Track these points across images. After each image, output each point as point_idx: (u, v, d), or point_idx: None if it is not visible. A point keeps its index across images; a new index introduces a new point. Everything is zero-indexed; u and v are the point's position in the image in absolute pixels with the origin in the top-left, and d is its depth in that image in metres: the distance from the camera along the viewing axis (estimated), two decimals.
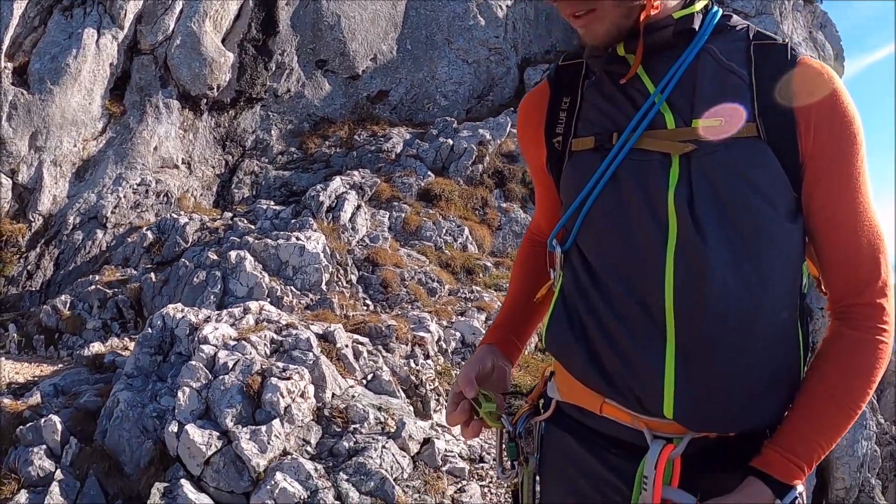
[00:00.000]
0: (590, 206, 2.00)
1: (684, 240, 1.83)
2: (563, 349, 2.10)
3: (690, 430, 1.90)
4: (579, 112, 2.12)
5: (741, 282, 1.81)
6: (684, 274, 1.83)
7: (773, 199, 1.84)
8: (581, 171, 2.04)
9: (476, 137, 16.17)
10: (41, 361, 11.07)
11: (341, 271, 11.39)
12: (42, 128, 14.50)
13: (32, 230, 14.38)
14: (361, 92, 19.09)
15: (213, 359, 7.25)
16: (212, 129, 16.82)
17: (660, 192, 1.88)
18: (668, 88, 1.95)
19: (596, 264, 2.00)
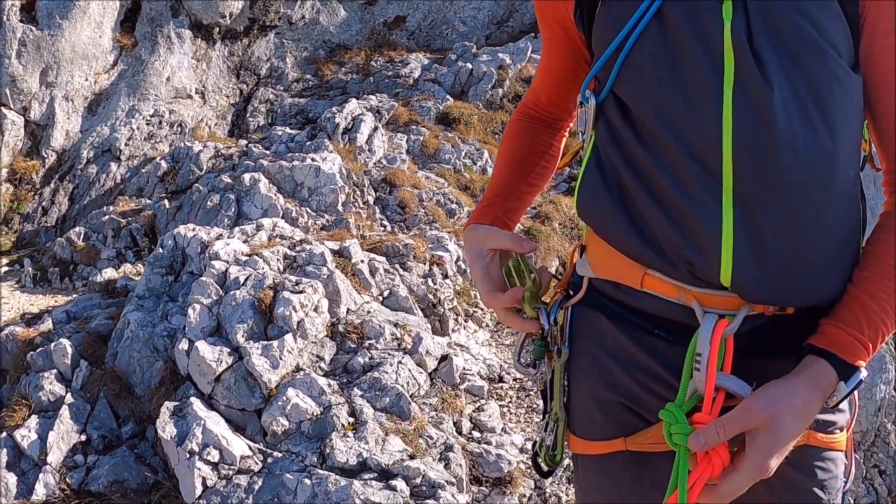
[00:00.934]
0: (629, 49, 1.72)
1: (744, 76, 1.58)
2: (599, 214, 1.82)
3: (749, 300, 1.65)
4: None
5: (809, 128, 1.57)
6: (743, 114, 1.58)
7: (838, 45, 1.60)
8: (619, 11, 1.76)
9: (496, 62, 15.87)
10: (56, 293, 11.06)
11: (358, 192, 11.18)
12: (52, 63, 14.37)
13: (46, 166, 14.34)
14: (378, 18, 18.72)
15: (224, 274, 7.05)
16: (225, 59, 16.59)
17: (713, 26, 1.62)
18: None
19: (638, 112, 1.72)
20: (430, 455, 5.90)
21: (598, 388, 1.92)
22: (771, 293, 1.63)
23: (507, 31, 19.97)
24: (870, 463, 16.84)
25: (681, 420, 1.61)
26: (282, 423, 5.96)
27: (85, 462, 6.28)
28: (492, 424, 6.64)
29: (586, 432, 1.98)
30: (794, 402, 1.56)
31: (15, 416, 6.72)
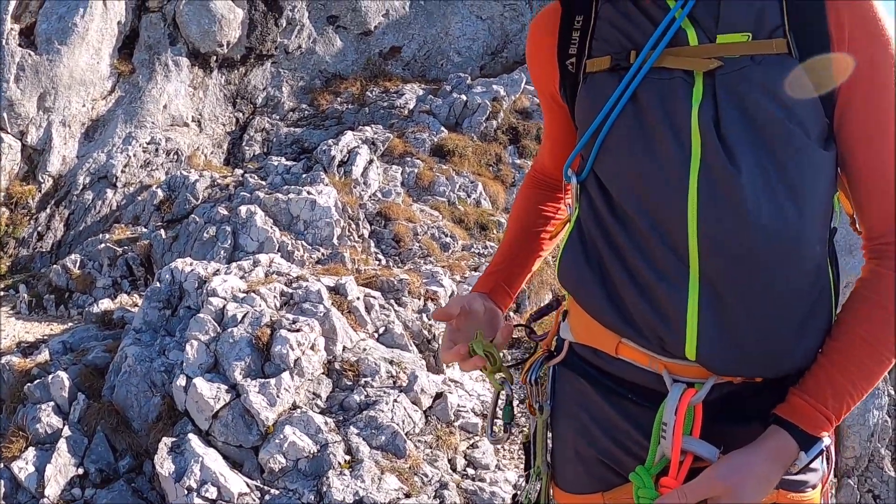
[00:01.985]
0: (607, 131, 1.84)
1: (710, 162, 1.67)
2: (577, 284, 1.93)
3: (714, 373, 1.73)
4: (593, 31, 1.95)
5: (775, 208, 1.65)
6: (709, 198, 1.66)
7: (807, 123, 1.68)
8: (597, 93, 1.88)
9: (490, 93, 15.99)
10: (51, 321, 11.06)
11: (353, 226, 11.27)
12: (50, 88, 14.43)
13: (42, 191, 14.36)
14: (374, 48, 18.85)
15: (221, 311, 7.14)
16: (222, 87, 16.69)
17: (682, 111, 1.72)
18: (689, 2, 1.77)
19: (614, 192, 1.83)
20: (425, 493, 5.99)
21: (579, 444, 2.02)
22: (736, 366, 1.71)
23: (502, 62, 20.12)
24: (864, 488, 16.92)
25: (647, 484, 1.73)
26: (279, 461, 6.04)
27: (83, 496, 6.35)
28: (486, 461, 6.71)
29: (568, 485, 2.09)
30: (755, 472, 1.65)
31: (12, 447, 6.77)
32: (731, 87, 1.69)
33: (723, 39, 1.73)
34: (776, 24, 1.72)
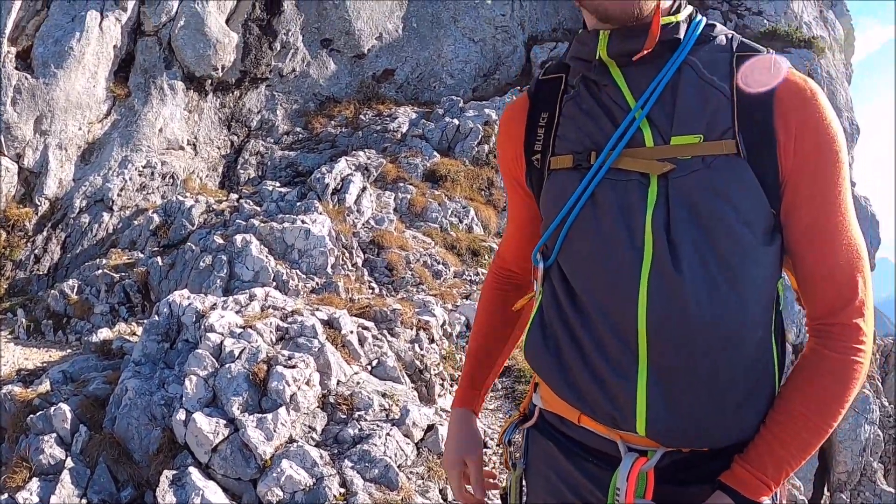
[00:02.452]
0: (569, 227, 2.01)
1: (659, 265, 1.84)
2: (539, 366, 2.14)
3: (663, 445, 1.93)
4: (557, 129, 2.12)
5: (718, 303, 1.82)
6: (657, 299, 1.85)
7: (752, 220, 1.84)
8: (560, 190, 2.05)
9: (482, 117, 16.16)
10: (50, 346, 11.17)
11: (347, 254, 11.42)
12: (47, 112, 14.55)
13: (39, 214, 14.47)
14: (367, 71, 19.07)
15: (219, 347, 7.29)
16: (217, 110, 16.84)
17: (638, 215, 1.89)
18: (648, 103, 1.94)
19: (574, 284, 2.02)
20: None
21: (548, 498, 2.25)
22: (684, 440, 1.91)
23: (494, 84, 20.34)
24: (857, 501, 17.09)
25: None
26: (276, 494, 6.19)
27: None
28: None
29: None
30: None
31: (16, 477, 6.89)
32: (682, 190, 1.85)
33: (676, 141, 1.88)
34: (726, 126, 1.86)
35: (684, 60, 1.97)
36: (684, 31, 1.99)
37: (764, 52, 1.96)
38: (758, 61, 1.94)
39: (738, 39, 2.01)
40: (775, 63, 1.93)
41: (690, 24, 2.02)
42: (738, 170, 1.84)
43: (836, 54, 27.32)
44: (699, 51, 1.99)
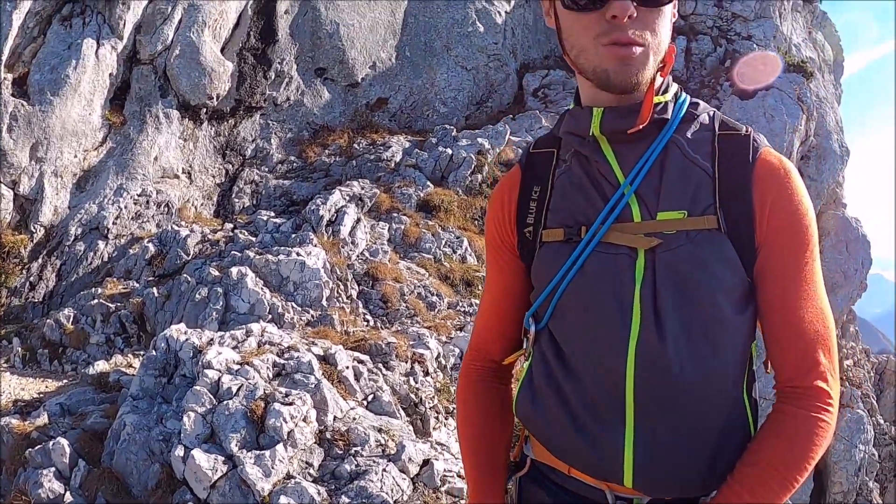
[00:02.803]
0: (560, 295, 2.11)
1: (646, 334, 1.95)
2: (530, 423, 2.25)
3: (648, 494, 2.05)
4: (549, 203, 2.21)
5: (698, 371, 1.94)
6: (643, 365, 1.96)
7: (731, 291, 1.96)
8: (551, 261, 2.14)
9: (475, 146, 16.27)
10: (46, 376, 11.18)
11: (341, 287, 11.51)
12: (43, 139, 14.59)
13: (34, 241, 14.48)
14: (361, 100, 19.24)
15: (217, 383, 7.38)
16: (212, 139, 16.92)
17: (626, 288, 1.99)
18: (636, 180, 2.05)
19: (566, 349, 2.12)
20: None
21: None
22: (667, 490, 2.04)
23: (486, 112, 20.48)
24: None
25: None
26: None
27: None
28: None
29: None
30: None
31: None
32: (668, 265, 1.97)
33: (662, 216, 2.00)
34: (708, 203, 1.98)
35: (670, 139, 2.08)
36: (671, 110, 2.11)
37: (743, 130, 2.09)
38: (738, 139, 2.07)
39: (720, 118, 2.14)
40: (753, 142, 2.07)
41: (676, 103, 2.14)
42: (719, 244, 1.96)
43: (825, 75, 27.58)
44: (684, 129, 2.11)
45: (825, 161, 22.81)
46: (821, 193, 22.98)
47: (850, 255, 23.38)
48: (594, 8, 1.96)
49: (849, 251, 23.41)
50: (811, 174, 22.43)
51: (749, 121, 19.72)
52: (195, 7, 16.50)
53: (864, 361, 26.78)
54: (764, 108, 20.31)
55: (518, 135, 17.79)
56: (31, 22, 15.25)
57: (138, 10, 16.14)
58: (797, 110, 20.73)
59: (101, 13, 15.83)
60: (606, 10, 1.92)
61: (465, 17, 21.17)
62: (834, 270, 22.86)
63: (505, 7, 22.03)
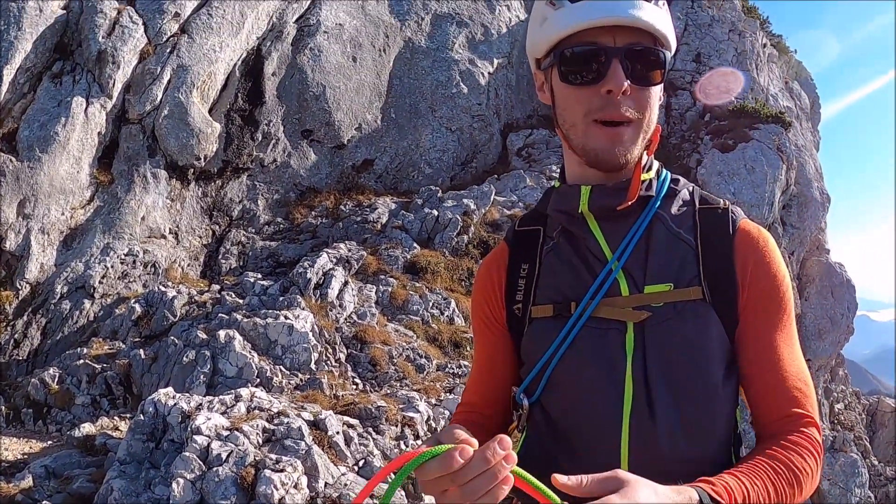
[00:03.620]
0: (551, 371, 2.16)
1: (638, 408, 2.02)
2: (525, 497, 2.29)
3: None
4: (538, 279, 2.27)
5: (691, 446, 2.00)
6: (636, 439, 2.02)
7: (718, 359, 2.04)
8: (542, 337, 2.19)
9: (460, 207, 16.39)
10: (30, 436, 11.10)
11: (330, 350, 11.52)
12: (30, 195, 14.57)
13: (20, 298, 14.40)
14: (347, 161, 19.36)
15: (206, 449, 7.36)
16: (199, 199, 16.96)
17: (618, 361, 2.06)
18: (624, 256, 2.13)
19: (559, 423, 2.17)
20: None
21: None
22: None
23: (472, 172, 20.66)
24: None
25: None
26: None
27: None
28: None
29: None
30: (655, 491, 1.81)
31: None
32: (657, 338, 2.04)
33: (650, 290, 2.08)
34: (693, 275, 2.08)
35: (655, 214, 2.18)
36: (655, 187, 2.21)
37: (721, 204, 2.21)
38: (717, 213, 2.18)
39: (699, 193, 2.26)
40: (731, 214, 2.18)
41: (659, 180, 2.25)
42: (704, 314, 2.05)
43: (803, 123, 28.03)
44: (667, 205, 2.21)
45: (807, 209, 23.09)
46: (804, 241, 23.27)
47: (836, 301, 23.54)
48: (591, 82, 2.06)
49: (834, 296, 23.58)
50: (793, 222, 22.69)
51: (730, 173, 20.07)
52: (184, 68, 16.62)
53: (856, 404, 26.91)
54: (745, 160, 20.58)
55: (503, 194, 17.92)
56: (21, 78, 15.33)
57: (128, 70, 16.24)
58: (777, 160, 21.01)
59: (91, 72, 15.93)
60: (602, 85, 2.03)
61: (449, 79, 21.43)
62: (820, 316, 23.03)
63: (488, 68, 22.30)
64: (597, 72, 2.05)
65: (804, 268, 23.86)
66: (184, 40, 16.93)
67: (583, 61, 2.08)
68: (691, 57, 24.96)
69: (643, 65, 2.09)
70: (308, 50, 19.10)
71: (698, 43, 25.26)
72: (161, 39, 16.76)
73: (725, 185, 19.60)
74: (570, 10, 2.07)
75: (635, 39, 2.08)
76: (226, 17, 17.66)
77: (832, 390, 24.76)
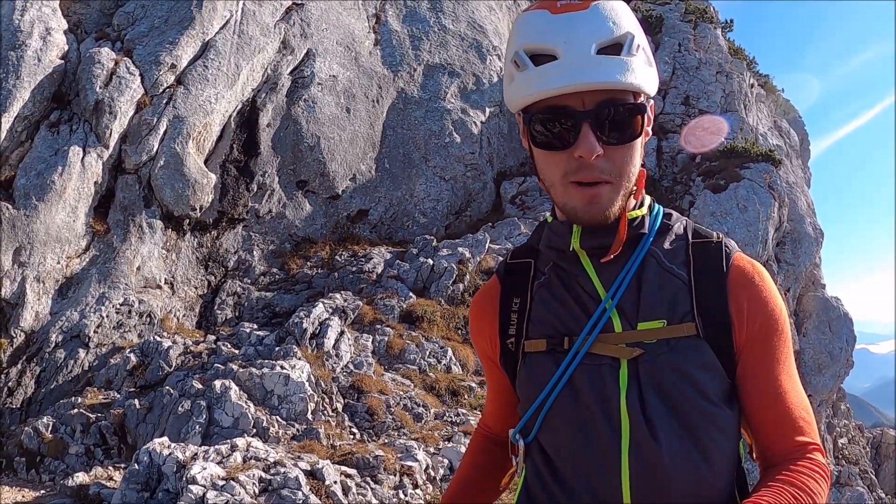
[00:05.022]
0: (548, 408, 2.17)
1: (638, 441, 2.02)
2: None
3: None
4: (530, 313, 2.29)
5: (692, 472, 2.00)
6: (638, 472, 2.02)
7: (714, 393, 2.06)
8: (537, 373, 2.20)
9: (455, 256, 16.46)
10: (23, 485, 11.03)
11: (327, 400, 11.50)
12: (26, 243, 14.55)
13: (14, 346, 14.34)
14: (341, 211, 19.44)
15: (201, 499, 7.34)
16: (194, 250, 16.98)
17: (613, 397, 2.06)
18: (617, 294, 2.14)
19: (557, 461, 2.18)
20: None
21: None
22: None
23: (466, 221, 20.75)
24: None
25: None
26: None
27: None
28: None
29: None
30: None
31: None
32: (651, 374, 2.05)
33: (643, 326, 2.09)
34: (686, 310, 2.08)
35: (647, 251, 2.19)
36: (647, 224, 2.21)
37: (714, 237, 2.22)
38: (710, 247, 2.19)
39: (692, 227, 2.27)
40: (725, 248, 2.19)
41: (651, 215, 2.25)
42: (698, 350, 2.06)
43: (793, 160, 28.24)
44: (659, 240, 2.22)
45: (800, 245, 23.23)
46: (799, 277, 23.33)
47: (834, 335, 23.53)
48: (562, 148, 2.04)
49: (832, 330, 23.57)
50: (787, 259, 22.78)
51: (723, 212, 20.19)
52: (180, 119, 16.72)
53: (859, 437, 26.83)
54: (737, 200, 20.73)
55: (498, 242, 18.00)
56: (19, 126, 15.39)
57: (125, 121, 16.32)
58: (769, 198, 21.17)
59: (88, 121, 16.01)
60: (574, 150, 2.01)
61: (441, 129, 21.58)
62: (819, 351, 22.99)
63: (480, 117, 22.49)
64: (567, 137, 2.03)
65: (800, 303, 23.90)
66: (180, 91, 17.04)
67: (552, 126, 2.05)
68: (680, 100, 25.19)
69: (616, 123, 2.04)
70: (302, 101, 19.25)
71: (686, 86, 25.51)
72: (157, 90, 16.87)
73: (719, 224, 19.67)
74: (533, 73, 2.05)
75: (607, 97, 2.02)
76: (221, 69, 17.81)
77: (835, 425, 24.71)
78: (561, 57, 2.00)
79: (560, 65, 1.99)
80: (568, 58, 1.99)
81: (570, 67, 1.98)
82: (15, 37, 15.69)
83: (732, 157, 22.27)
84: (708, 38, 27.26)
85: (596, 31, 2.02)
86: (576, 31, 2.01)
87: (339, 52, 20.61)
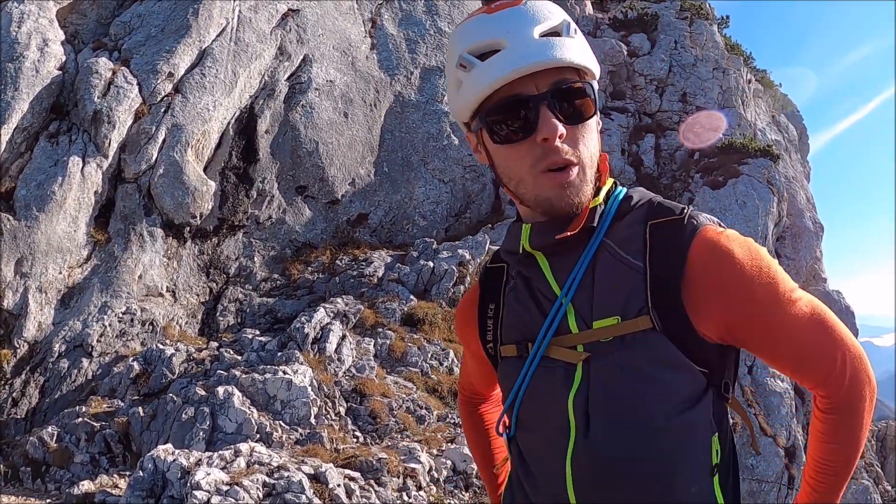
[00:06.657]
0: (517, 411, 2.26)
1: (580, 445, 2.07)
2: None
3: None
4: (502, 319, 2.35)
5: (644, 471, 2.02)
6: (581, 473, 2.07)
7: (671, 389, 2.03)
8: (510, 375, 2.29)
9: (456, 258, 16.50)
10: (28, 495, 11.06)
11: (329, 404, 11.54)
12: (28, 254, 14.58)
13: (17, 357, 14.36)
14: (341, 216, 19.47)
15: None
16: (195, 257, 17.01)
17: (563, 400, 2.11)
18: (571, 291, 2.14)
19: (528, 460, 2.26)
20: None
21: None
22: None
23: (465, 223, 20.76)
24: None
25: None
26: None
27: None
28: None
29: None
30: None
31: None
32: (600, 373, 2.06)
33: (598, 325, 2.07)
34: (640, 305, 2.03)
35: (600, 244, 2.16)
36: (599, 214, 2.18)
37: (677, 211, 2.14)
38: (671, 225, 2.11)
39: (655, 205, 2.19)
40: (691, 221, 2.10)
41: (608, 202, 2.23)
42: (653, 344, 2.03)
43: (792, 155, 28.22)
44: (615, 228, 2.18)
45: (801, 239, 23.25)
46: (800, 272, 23.30)
47: None
48: (524, 137, 2.06)
49: None
50: (788, 254, 22.82)
51: (722, 209, 20.22)
52: (178, 127, 16.76)
53: None
54: (736, 195, 20.74)
55: (497, 243, 17.91)
56: (18, 137, 15.43)
57: (123, 130, 16.35)
58: (768, 194, 21.20)
59: (87, 131, 16.04)
60: (537, 135, 2.03)
61: (439, 131, 21.61)
62: None
63: None
64: (527, 124, 2.05)
65: None
66: (178, 100, 17.08)
67: (510, 117, 2.08)
68: (677, 97, 25.23)
69: (572, 103, 2.07)
70: (300, 107, 19.29)
71: (683, 83, 25.53)
72: (155, 99, 16.89)
73: None
74: (481, 69, 2.07)
75: (558, 77, 2.06)
76: (218, 77, 17.84)
77: None
78: (507, 46, 2.04)
79: (508, 52, 2.03)
80: (513, 45, 2.03)
81: (518, 52, 2.02)
82: (12, 48, 15.73)
83: (731, 153, 22.29)
84: (704, 34, 27.28)
85: (534, 20, 2.06)
86: (515, 22, 2.06)
87: (336, 56, 20.64)
